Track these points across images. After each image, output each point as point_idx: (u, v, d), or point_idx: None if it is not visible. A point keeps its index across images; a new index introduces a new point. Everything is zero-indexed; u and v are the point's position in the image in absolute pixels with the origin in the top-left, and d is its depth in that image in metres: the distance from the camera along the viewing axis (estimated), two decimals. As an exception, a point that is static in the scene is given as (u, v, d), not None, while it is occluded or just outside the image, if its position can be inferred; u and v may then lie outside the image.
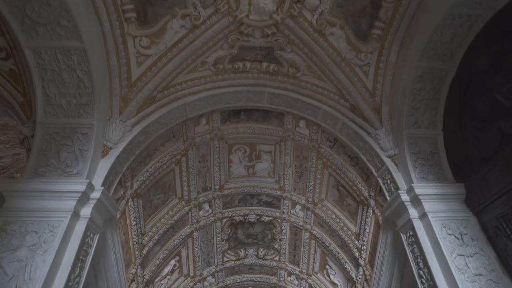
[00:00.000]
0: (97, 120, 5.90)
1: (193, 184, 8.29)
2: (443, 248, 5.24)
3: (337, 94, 7.09)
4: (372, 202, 7.32)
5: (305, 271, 9.54)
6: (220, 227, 9.13)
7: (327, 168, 8.16)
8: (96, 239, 5.55)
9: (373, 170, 6.90)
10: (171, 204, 8.17)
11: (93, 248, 5.43)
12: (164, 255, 8.20)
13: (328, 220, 8.50)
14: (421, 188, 5.86)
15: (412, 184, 5.90)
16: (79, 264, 5.03)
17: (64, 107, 5.87)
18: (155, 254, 8.05)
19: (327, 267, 9.22)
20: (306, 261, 9.41)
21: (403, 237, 6.10)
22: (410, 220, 5.84)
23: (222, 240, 9.38)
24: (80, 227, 5.17)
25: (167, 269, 8.61)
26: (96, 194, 5.49)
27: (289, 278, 9.91)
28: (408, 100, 6.30)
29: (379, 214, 7.16)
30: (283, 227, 9.27)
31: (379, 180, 6.79)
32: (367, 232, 7.71)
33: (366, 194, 7.40)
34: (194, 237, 8.83)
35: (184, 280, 9.18)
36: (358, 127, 6.98)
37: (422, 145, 6.38)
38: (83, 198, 5.30)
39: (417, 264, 5.67)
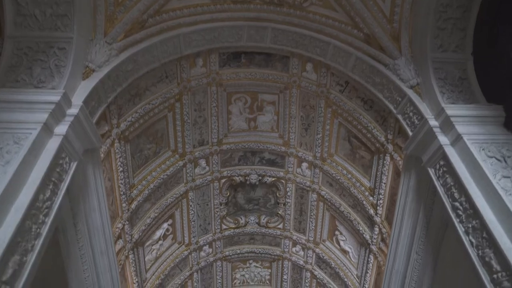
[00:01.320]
0: (78, 35, 5.08)
1: (188, 135, 7.46)
2: (486, 170, 4.43)
3: (350, 24, 6.31)
4: (389, 147, 6.51)
5: (312, 239, 8.68)
6: (218, 188, 8.27)
7: (337, 116, 7.35)
8: (73, 167, 4.70)
9: (391, 107, 6.11)
10: (164, 156, 7.32)
11: (69, 176, 4.59)
12: (156, 215, 7.33)
13: (338, 177, 7.67)
14: (453, 110, 5.07)
15: (443, 105, 5.11)
16: (51, 187, 4.18)
17: (38, 18, 5.05)
18: (146, 213, 7.18)
19: (336, 233, 8.36)
20: (313, 227, 8.55)
21: (431, 171, 5.28)
22: (440, 148, 5.03)
23: (221, 204, 8.51)
24: (52, 145, 4.33)
25: (159, 233, 7.73)
26: (73, 111, 4.65)
27: (294, 249, 9.03)
28: (432, 20, 5.53)
29: (398, 159, 6.35)
30: (288, 189, 8.42)
31: (399, 117, 6.00)
32: (384, 184, 6.88)
33: (382, 139, 6.59)
34: (189, 198, 7.96)
35: (178, 248, 8.29)
36: (373, 60, 6.20)
37: (450, 70, 5.59)
38: (57, 112, 4.46)
39: (450, 196, 4.85)
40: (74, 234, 5.41)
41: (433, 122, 5.20)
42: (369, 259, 7.58)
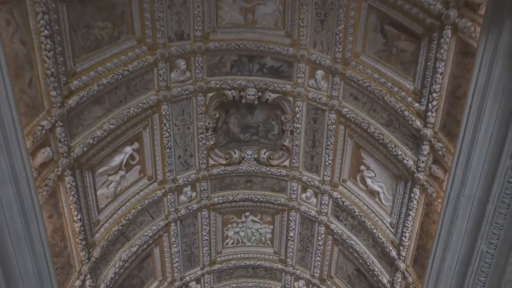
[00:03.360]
0: None
1: (161, 20, 5.30)
2: None
3: None
4: (452, 14, 4.35)
5: (328, 179, 6.51)
6: (203, 105, 6.11)
7: (367, -5, 5.24)
8: None
9: None
10: (125, 45, 5.15)
11: None
12: (111, 127, 5.17)
13: (367, 84, 5.51)
14: None
15: None
16: None
17: None
18: (94, 120, 5.03)
19: (362, 168, 6.19)
20: (330, 162, 6.38)
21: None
22: None
23: (207, 130, 6.37)
24: None
25: (118, 159, 5.57)
26: None
27: (304, 195, 6.87)
28: None
29: (468, 25, 4.22)
30: (297, 110, 6.26)
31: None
32: (439, 76, 4.71)
33: (438, 7, 4.46)
34: (163, 113, 5.81)
35: (149, 185, 6.14)
36: None
37: None
38: None
39: None
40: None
41: None
42: (412, 196, 5.41)
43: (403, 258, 5.77)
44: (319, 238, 7.03)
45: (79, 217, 4.98)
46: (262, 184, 7.00)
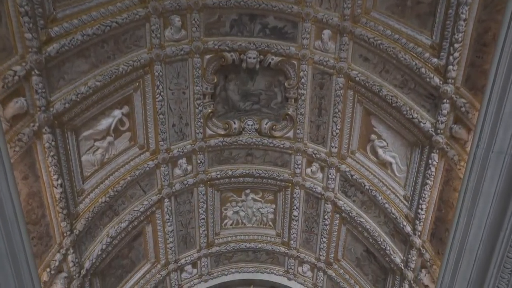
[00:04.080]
0: None
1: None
2: None
3: None
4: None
5: (335, 151, 6.00)
6: (200, 68, 5.61)
7: None
8: None
9: None
10: (110, -6, 4.72)
11: None
12: (98, 84, 4.64)
13: (378, 42, 5.01)
14: None
15: None
16: None
17: None
18: (78, 74, 4.50)
19: (372, 137, 5.67)
20: (337, 132, 5.86)
21: None
22: None
23: (204, 96, 5.85)
24: None
25: (106, 123, 5.03)
26: None
27: (309, 170, 6.36)
28: None
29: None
30: (301, 74, 5.76)
31: None
32: (463, 24, 4.23)
33: None
34: (155, 74, 5.28)
35: (140, 155, 5.62)
36: None
37: None
38: None
39: None
40: None
41: None
42: (429, 163, 4.88)
43: (419, 233, 5.24)
44: (326, 217, 6.50)
45: (59, 182, 4.45)
46: (264, 158, 6.48)
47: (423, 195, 5.08)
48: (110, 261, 5.80)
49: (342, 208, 6.24)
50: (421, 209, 5.12)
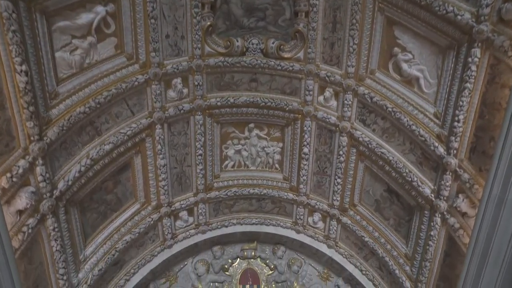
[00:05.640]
0: None
1: None
2: None
3: None
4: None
5: (352, 71, 5.18)
6: (197, -30, 4.91)
7: None
8: None
9: None
10: None
11: None
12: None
13: None
14: None
15: None
16: None
17: None
18: None
19: (395, 51, 4.80)
20: (354, 48, 5.00)
21: None
22: None
23: (203, 6, 5.02)
24: None
25: (86, 18, 4.24)
26: None
27: (321, 97, 5.55)
28: None
29: None
30: (314, -21, 5.03)
31: None
32: None
33: None
34: (144, -32, 4.61)
35: (127, 66, 4.74)
36: None
37: None
38: None
39: None
40: None
41: None
42: (468, 62, 4.04)
43: (455, 151, 4.42)
44: (340, 153, 5.66)
45: (23, 68, 3.67)
46: (270, 84, 5.68)
47: (460, 104, 4.26)
48: (92, 192, 5.00)
49: (360, 139, 5.41)
50: (457, 121, 4.30)
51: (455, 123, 4.33)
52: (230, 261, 6.80)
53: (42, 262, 4.46)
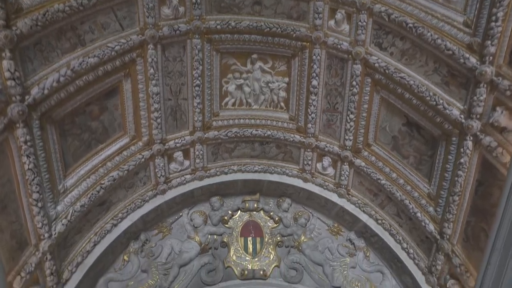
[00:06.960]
0: None
1: None
2: None
3: None
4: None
5: (368, -15, 4.67)
6: None
7: None
8: None
9: None
10: None
11: None
12: None
13: None
14: None
15: None
16: None
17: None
18: None
19: (419, -43, 4.34)
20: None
21: None
22: None
23: None
24: None
25: None
26: None
27: (332, 22, 4.90)
28: None
29: None
30: None
31: None
32: None
33: None
34: None
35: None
36: None
37: None
38: None
39: None
40: None
41: None
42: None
43: (490, 58, 3.81)
44: (354, 84, 5.06)
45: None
46: (276, 8, 5.07)
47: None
48: (73, 113, 4.42)
49: (376, 65, 4.79)
50: (495, 21, 3.69)
51: (492, 24, 3.72)
52: (230, 212, 6.17)
53: (10, 179, 3.89)
